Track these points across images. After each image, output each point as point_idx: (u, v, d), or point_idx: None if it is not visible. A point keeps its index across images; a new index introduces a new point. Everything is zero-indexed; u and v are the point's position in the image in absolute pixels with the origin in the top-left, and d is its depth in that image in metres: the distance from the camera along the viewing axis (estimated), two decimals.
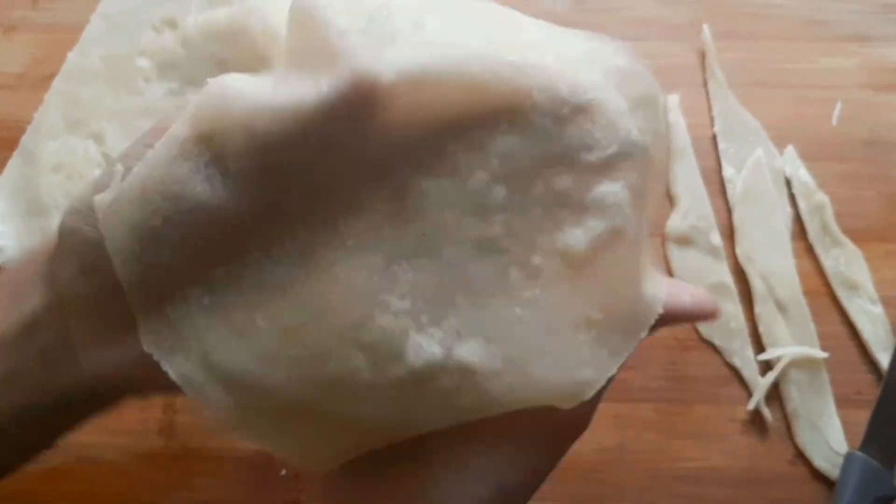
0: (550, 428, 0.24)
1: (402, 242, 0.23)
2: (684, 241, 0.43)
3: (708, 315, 0.26)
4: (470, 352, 0.23)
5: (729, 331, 0.42)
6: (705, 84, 0.46)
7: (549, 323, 0.23)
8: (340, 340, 0.23)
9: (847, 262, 0.43)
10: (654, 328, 0.24)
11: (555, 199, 0.23)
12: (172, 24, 0.47)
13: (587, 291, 0.23)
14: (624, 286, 0.24)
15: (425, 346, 0.23)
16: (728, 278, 0.43)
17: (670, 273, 0.43)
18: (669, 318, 0.24)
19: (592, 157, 0.23)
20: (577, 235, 0.23)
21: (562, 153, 0.23)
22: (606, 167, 0.23)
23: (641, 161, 0.24)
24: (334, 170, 0.23)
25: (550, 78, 0.23)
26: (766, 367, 0.42)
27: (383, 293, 0.23)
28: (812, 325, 0.42)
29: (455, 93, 0.22)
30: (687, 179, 0.44)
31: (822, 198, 0.44)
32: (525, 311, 0.23)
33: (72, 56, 0.47)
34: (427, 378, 0.23)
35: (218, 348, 0.23)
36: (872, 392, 0.41)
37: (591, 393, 0.23)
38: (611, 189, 0.23)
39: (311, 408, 0.24)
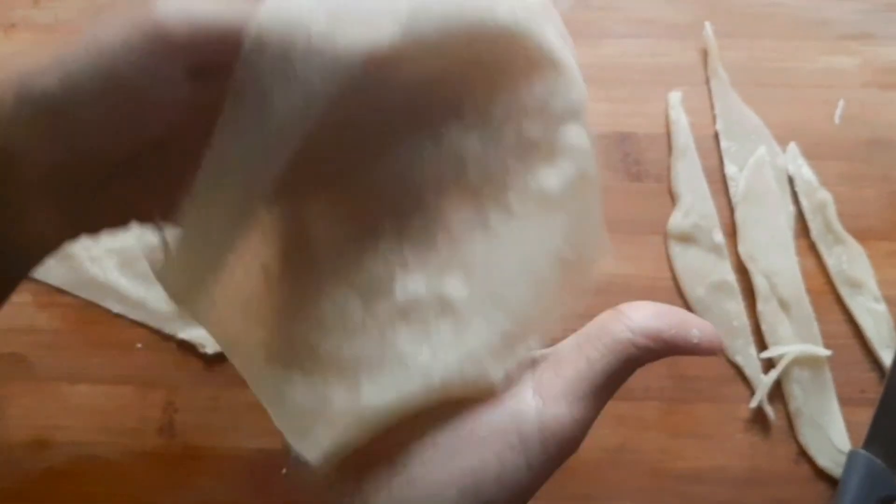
0: (539, 443, 0.24)
1: (385, 192, 0.25)
2: (686, 239, 0.43)
3: (713, 352, 0.26)
4: (451, 286, 0.25)
5: (731, 329, 0.42)
6: (707, 82, 0.46)
7: (525, 258, 0.25)
8: (334, 282, 0.25)
9: (850, 261, 0.43)
10: (657, 356, 0.25)
11: (526, 144, 0.25)
12: None
13: (559, 231, 0.25)
14: (590, 229, 0.25)
15: (411, 285, 0.25)
16: (730, 276, 0.43)
17: (672, 272, 0.43)
18: (674, 349, 0.25)
19: (560, 103, 0.25)
20: (550, 177, 0.25)
21: (531, 101, 0.25)
22: (573, 114, 0.25)
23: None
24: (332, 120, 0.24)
25: (530, 34, 0.24)
26: (769, 365, 0.42)
27: (372, 239, 0.25)
28: (815, 324, 0.42)
29: (435, 50, 0.23)
30: (689, 178, 0.44)
31: (824, 196, 0.43)
32: (501, 247, 0.25)
33: None
34: (412, 311, 0.25)
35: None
36: (876, 390, 0.41)
37: (556, 323, 0.25)
38: (578, 133, 0.25)
39: (304, 348, 0.25)
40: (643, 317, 0.25)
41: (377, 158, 0.25)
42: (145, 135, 0.24)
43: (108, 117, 0.23)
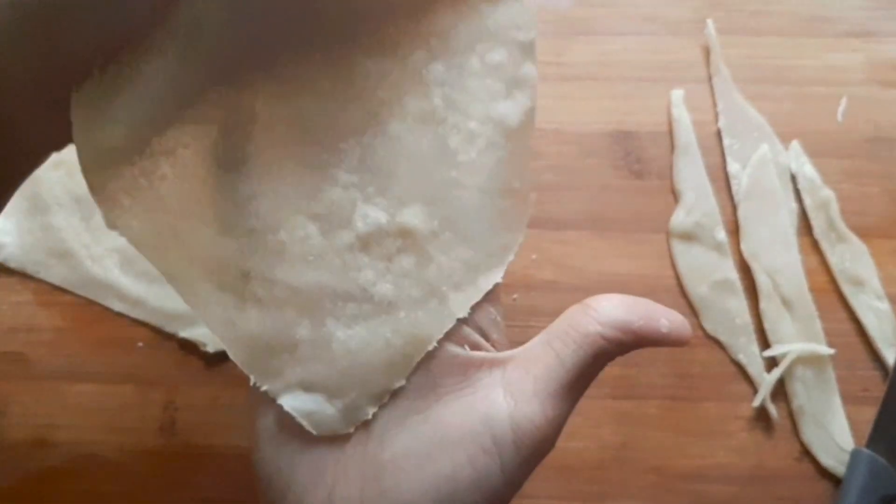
0: (513, 444, 0.24)
1: (348, 120, 0.25)
2: (689, 237, 0.43)
3: (683, 342, 0.25)
4: (411, 215, 0.25)
5: (734, 327, 0.42)
6: (710, 80, 0.46)
7: (482, 186, 0.25)
8: (291, 211, 0.25)
9: (853, 259, 0.43)
10: (627, 349, 0.25)
11: (489, 72, 0.26)
12: None
13: (511, 162, 0.26)
14: (528, 163, 0.26)
15: (371, 214, 0.25)
16: (733, 275, 0.43)
17: (674, 270, 0.43)
18: (644, 341, 0.25)
19: (521, 36, 0.26)
20: (509, 107, 0.26)
21: (494, 30, 0.26)
22: (529, 49, 0.26)
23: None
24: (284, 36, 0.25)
25: None
26: (772, 363, 0.42)
27: (332, 168, 0.25)
28: (818, 322, 0.42)
29: None
30: (691, 175, 0.44)
31: (827, 194, 0.43)
32: (461, 175, 0.25)
33: None
34: (373, 242, 0.25)
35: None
36: (879, 389, 0.41)
37: (512, 255, 0.26)
38: (532, 69, 0.26)
39: (258, 277, 0.25)
40: (611, 309, 0.25)
41: (335, 68, 0.25)
42: (125, 27, 0.23)
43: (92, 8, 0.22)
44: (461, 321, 0.25)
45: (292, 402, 0.24)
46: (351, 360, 0.24)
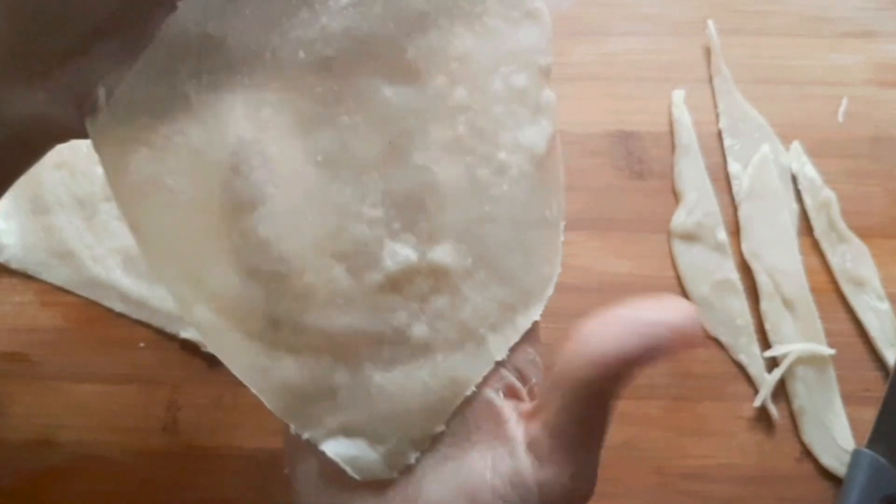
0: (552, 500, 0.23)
1: (369, 153, 0.24)
2: (690, 237, 0.43)
3: (690, 344, 0.22)
4: (443, 253, 0.24)
5: (735, 327, 0.42)
6: (711, 80, 0.46)
7: (515, 219, 0.24)
8: (316, 252, 0.23)
9: (854, 259, 0.43)
10: (630, 376, 0.22)
11: (514, 97, 0.24)
12: None
13: (543, 190, 0.25)
14: (558, 190, 0.25)
15: (399, 251, 0.23)
16: (734, 275, 0.43)
17: (675, 270, 0.43)
18: (644, 361, 0.21)
19: (542, 60, 0.25)
20: (535, 133, 0.24)
21: (516, 52, 0.24)
22: (547, 73, 0.25)
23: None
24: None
25: None
26: (773, 363, 0.42)
27: (355, 204, 0.23)
28: (819, 322, 0.42)
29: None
30: (692, 176, 0.44)
31: (828, 194, 0.43)
32: (494, 208, 0.24)
33: None
34: (403, 282, 0.24)
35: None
36: (880, 389, 0.41)
37: (550, 290, 0.25)
38: (552, 95, 0.25)
39: (288, 324, 0.24)
40: (597, 345, 0.21)
41: (353, 98, 0.24)
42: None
43: None
44: (499, 363, 0.24)
45: (335, 448, 0.24)
46: (390, 404, 0.24)
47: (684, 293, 0.43)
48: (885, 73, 0.46)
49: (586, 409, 0.22)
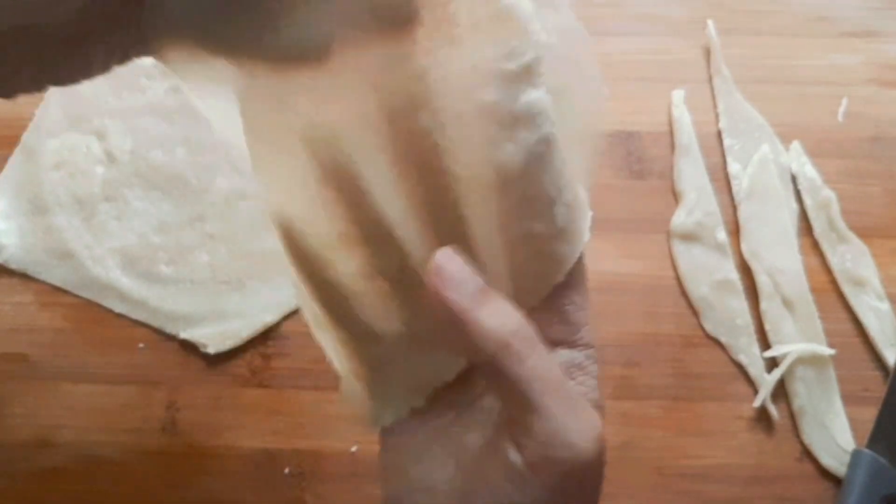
0: (539, 483, 0.22)
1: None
2: (690, 237, 0.43)
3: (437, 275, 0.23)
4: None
5: (735, 328, 0.42)
6: (710, 80, 0.46)
7: (487, 238, 0.24)
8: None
9: (853, 259, 0.43)
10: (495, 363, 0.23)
11: (484, 115, 0.23)
12: None
13: (526, 205, 0.24)
14: (560, 191, 0.24)
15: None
16: (734, 275, 0.43)
17: (675, 270, 0.43)
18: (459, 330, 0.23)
19: (513, 65, 0.23)
20: (511, 150, 0.23)
21: (480, 67, 0.23)
22: (528, 74, 0.23)
23: (553, 61, 0.24)
24: None
25: None
26: (773, 364, 0.42)
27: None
28: (818, 322, 0.42)
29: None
30: (692, 176, 0.44)
31: (828, 194, 0.43)
32: (467, 228, 0.24)
33: None
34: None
35: None
36: (879, 389, 0.41)
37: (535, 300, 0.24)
38: (535, 96, 0.23)
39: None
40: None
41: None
42: None
43: None
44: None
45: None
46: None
47: (684, 293, 0.43)
48: (885, 73, 0.46)
49: (495, 377, 0.23)
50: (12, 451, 0.41)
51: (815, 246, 0.43)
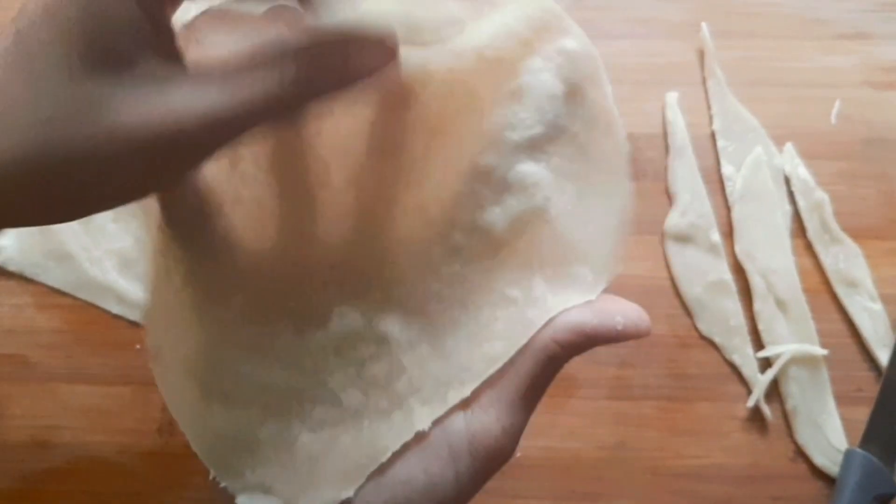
0: (469, 454, 0.23)
1: (335, 214, 0.24)
2: (683, 238, 0.43)
3: (639, 335, 0.25)
4: (389, 323, 0.24)
5: (729, 328, 0.42)
6: (704, 82, 0.46)
7: (467, 299, 0.24)
8: (266, 305, 0.24)
9: (846, 260, 0.43)
10: (580, 350, 0.24)
11: (478, 176, 0.24)
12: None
13: (507, 269, 0.24)
14: (548, 262, 0.24)
15: (348, 316, 0.24)
16: (727, 276, 0.43)
17: (669, 271, 0.43)
18: (597, 340, 0.24)
19: (516, 136, 0.24)
20: (496, 214, 0.24)
21: (488, 132, 0.24)
22: (530, 147, 0.24)
23: (570, 144, 0.24)
24: None
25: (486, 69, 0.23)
26: (766, 364, 0.42)
27: (313, 262, 0.24)
28: (812, 323, 0.42)
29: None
30: (686, 177, 0.44)
31: (821, 196, 0.44)
32: (444, 288, 0.24)
33: None
34: (347, 346, 0.24)
35: None
36: (872, 389, 0.41)
37: (494, 368, 0.24)
38: (531, 169, 0.24)
39: (226, 371, 0.24)
40: (567, 316, 0.24)
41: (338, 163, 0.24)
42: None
43: None
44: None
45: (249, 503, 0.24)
46: (310, 465, 0.24)
47: (678, 294, 0.43)
48: (878, 75, 0.46)
49: (541, 370, 0.24)
50: (10, 451, 0.41)
51: (809, 247, 0.44)
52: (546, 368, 0.24)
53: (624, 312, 0.25)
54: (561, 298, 0.24)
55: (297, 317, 0.24)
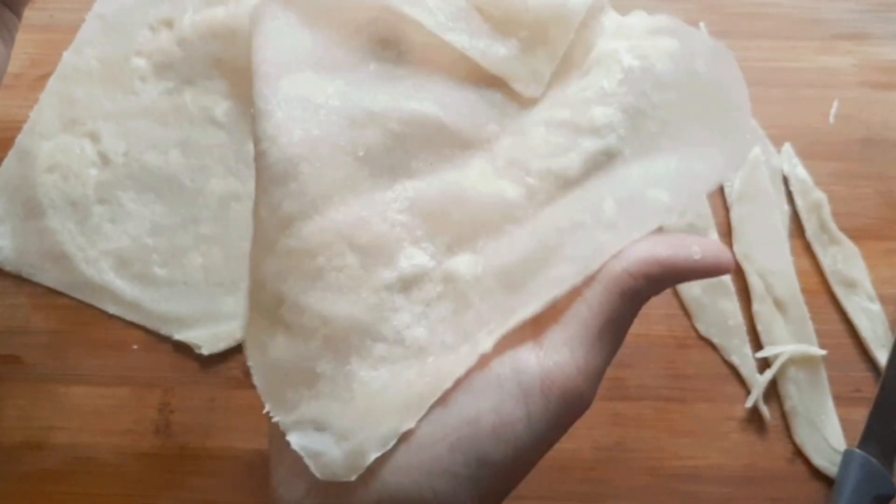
0: (541, 392, 0.22)
1: (408, 163, 0.25)
2: None
3: (721, 268, 0.24)
4: (458, 263, 0.24)
5: (727, 329, 0.42)
6: None
7: (535, 231, 0.24)
8: (334, 237, 0.24)
9: (845, 260, 0.43)
10: (659, 284, 0.23)
11: (553, 128, 0.25)
12: (169, 24, 0.47)
13: (578, 200, 0.24)
14: (619, 187, 0.24)
15: (417, 258, 0.24)
16: (726, 276, 0.43)
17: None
18: (674, 272, 0.23)
19: (589, 92, 0.25)
20: (571, 158, 0.24)
21: (569, 98, 0.25)
22: (599, 96, 0.25)
23: (642, 83, 0.25)
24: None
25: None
26: (765, 364, 0.42)
27: (382, 204, 0.24)
28: (810, 323, 0.42)
29: None
30: None
31: (819, 196, 0.44)
32: (515, 228, 0.24)
33: (67, 56, 0.47)
34: (413, 285, 0.24)
35: None
36: (871, 390, 0.41)
37: (563, 290, 0.23)
38: (603, 112, 0.25)
39: (289, 299, 0.24)
40: (637, 247, 0.23)
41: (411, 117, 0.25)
42: None
43: None
44: None
45: (301, 440, 0.23)
46: (369, 402, 0.23)
47: (676, 294, 0.43)
48: (876, 75, 0.46)
49: (616, 304, 0.23)
50: (5, 453, 0.41)
51: (807, 247, 0.43)
52: (622, 303, 0.23)
53: (701, 243, 0.23)
54: (634, 222, 0.24)
55: (365, 253, 0.24)
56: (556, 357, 0.22)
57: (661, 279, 0.23)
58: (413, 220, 0.24)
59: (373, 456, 0.22)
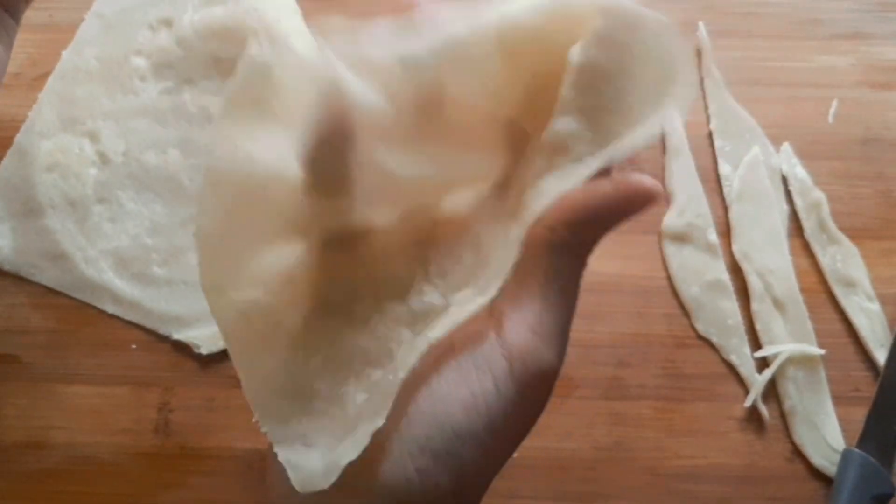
0: (503, 359, 0.22)
1: (426, 195, 0.25)
2: (681, 238, 0.43)
3: (642, 193, 0.24)
4: (463, 297, 0.24)
5: (726, 328, 0.42)
6: (701, 82, 0.46)
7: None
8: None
9: (844, 260, 0.43)
10: (586, 236, 0.23)
11: (552, 148, 0.23)
12: (168, 24, 0.47)
13: None
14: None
15: (427, 294, 0.24)
16: (725, 276, 0.43)
17: (667, 271, 0.43)
18: (592, 209, 0.23)
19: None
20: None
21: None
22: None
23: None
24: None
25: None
26: (764, 364, 0.42)
27: (401, 243, 0.24)
28: (809, 323, 0.42)
29: None
30: (683, 177, 0.44)
31: (818, 195, 0.44)
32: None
33: (66, 55, 0.47)
34: (419, 321, 0.24)
35: None
36: (869, 389, 0.41)
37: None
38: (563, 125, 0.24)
39: (300, 319, 0.24)
40: (557, 208, 0.23)
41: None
42: None
43: None
44: None
45: (287, 455, 0.23)
46: (357, 419, 0.23)
47: (675, 294, 0.43)
48: (875, 75, 0.46)
49: (547, 261, 0.23)
50: (5, 452, 0.41)
51: (806, 247, 0.43)
52: (553, 258, 0.23)
53: (614, 179, 0.23)
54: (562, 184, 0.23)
55: (380, 286, 0.24)
56: (508, 325, 0.23)
57: (582, 223, 0.23)
58: (428, 253, 0.25)
59: (347, 461, 0.22)
